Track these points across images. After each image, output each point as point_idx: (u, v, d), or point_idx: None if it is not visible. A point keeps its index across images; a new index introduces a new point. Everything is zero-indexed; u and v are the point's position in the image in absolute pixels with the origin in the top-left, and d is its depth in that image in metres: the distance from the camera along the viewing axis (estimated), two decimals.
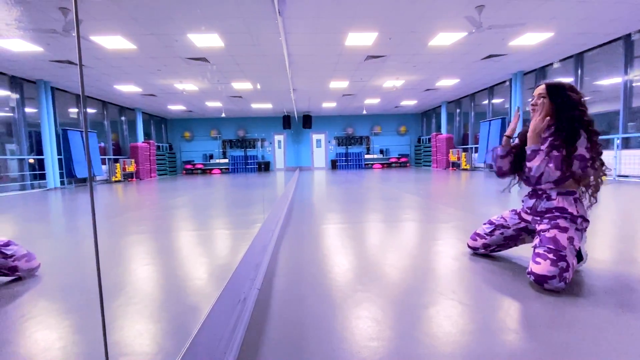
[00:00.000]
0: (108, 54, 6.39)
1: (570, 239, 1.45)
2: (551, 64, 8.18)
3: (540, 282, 1.37)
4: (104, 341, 0.72)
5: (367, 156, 16.41)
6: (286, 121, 14.95)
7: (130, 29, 5.37)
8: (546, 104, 1.56)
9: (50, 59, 6.61)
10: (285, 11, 4.86)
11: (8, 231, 3.31)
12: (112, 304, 1.38)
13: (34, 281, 1.70)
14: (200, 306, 1.38)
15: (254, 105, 12.92)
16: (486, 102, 10.96)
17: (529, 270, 1.43)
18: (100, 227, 3.23)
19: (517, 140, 1.75)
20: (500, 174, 1.77)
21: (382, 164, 16.30)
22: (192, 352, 0.78)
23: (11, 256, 1.66)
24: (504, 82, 9.83)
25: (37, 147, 8.67)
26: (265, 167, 16.06)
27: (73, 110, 10.08)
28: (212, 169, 15.79)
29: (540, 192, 1.63)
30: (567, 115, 1.50)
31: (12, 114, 7.97)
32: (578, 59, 7.40)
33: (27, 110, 8.19)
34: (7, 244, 1.67)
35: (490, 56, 7.47)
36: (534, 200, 1.65)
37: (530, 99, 1.64)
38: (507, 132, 1.72)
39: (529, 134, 1.58)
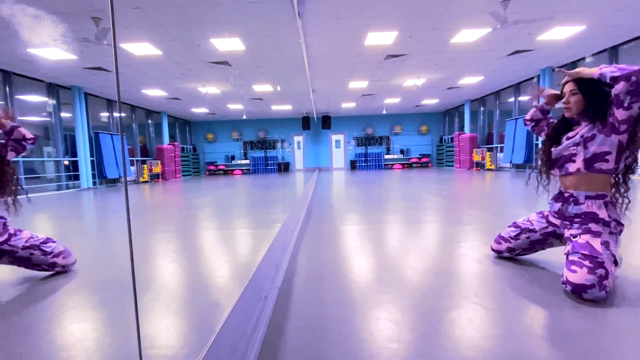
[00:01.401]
0: (136, 60, 6.68)
1: (606, 244, 1.35)
2: (583, 58, 7.78)
3: (578, 292, 1.28)
4: (137, 335, 0.76)
5: (387, 156, 16.22)
6: (305, 122, 15.04)
7: (157, 36, 5.59)
8: (578, 102, 1.46)
9: (83, 66, 6.99)
10: (304, 13, 4.90)
11: (47, 228, 3.53)
12: (141, 299, 1.45)
13: (70, 276, 1.81)
14: (223, 303, 1.42)
15: (274, 107, 13.10)
16: (512, 99, 10.57)
17: (564, 279, 1.34)
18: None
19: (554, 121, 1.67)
20: (525, 122, 1.79)
21: (402, 164, 16.06)
22: (216, 347, 0.81)
23: (50, 253, 1.77)
24: (532, 78, 9.44)
25: (71, 149, 9.20)
26: (284, 167, 16.23)
27: (104, 114, 10.60)
28: (233, 170, 16.13)
29: (567, 195, 1.53)
30: (602, 110, 1.41)
31: (49, 119, 8.49)
32: (612, 53, 6.99)
33: (63, 114, 8.69)
34: (45, 242, 1.78)
35: (516, 52, 7.20)
36: (560, 204, 1.56)
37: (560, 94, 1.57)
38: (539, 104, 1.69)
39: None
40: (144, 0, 4.41)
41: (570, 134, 1.53)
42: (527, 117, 1.76)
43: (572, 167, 1.50)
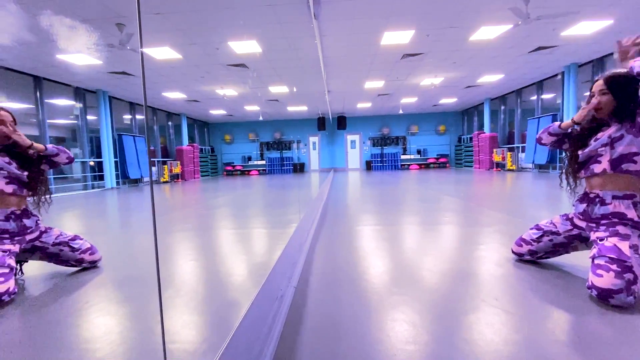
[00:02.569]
0: (157, 63, 6.89)
1: (635, 247, 1.29)
2: (611, 54, 7.40)
3: (604, 297, 1.23)
4: (162, 330, 0.79)
5: (403, 157, 16.02)
6: (321, 123, 15.07)
7: (177, 40, 5.75)
8: (609, 102, 1.39)
9: (108, 71, 7.27)
10: (320, 14, 4.91)
11: (74, 226, 3.69)
12: (162, 295, 1.49)
13: (96, 272, 1.89)
14: (241, 301, 1.45)
15: (290, 108, 13.19)
16: (534, 97, 10.21)
17: (589, 284, 1.29)
18: (151, 224, 3.49)
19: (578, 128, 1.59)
20: (539, 142, 1.72)
21: (419, 164, 15.82)
22: (234, 344, 0.83)
23: (77, 249, 1.86)
24: (555, 75, 9.10)
25: (96, 150, 9.58)
26: (300, 168, 16.31)
27: (127, 117, 10.98)
28: (250, 170, 16.35)
29: (592, 196, 1.47)
30: (631, 109, 1.35)
31: (76, 122, 8.88)
32: None
33: (89, 117, 9.06)
34: (74, 239, 1.87)
35: (539, 48, 6.96)
36: (585, 205, 1.50)
37: (589, 91, 1.50)
38: (575, 118, 1.55)
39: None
40: (165, 6, 4.55)
41: (599, 135, 1.47)
42: (543, 138, 1.67)
43: (597, 168, 1.45)
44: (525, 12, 4.80)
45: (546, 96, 10.16)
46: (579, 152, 1.52)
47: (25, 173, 1.71)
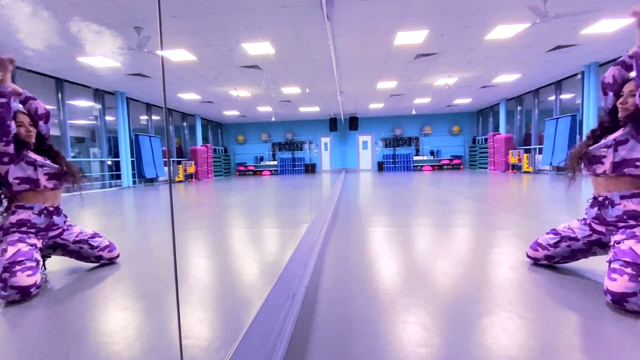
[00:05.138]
0: (173, 65, 7.04)
1: None
2: None
3: (618, 301, 1.21)
4: (178, 326, 0.81)
5: (416, 158, 15.84)
6: (333, 123, 15.06)
7: (192, 42, 5.86)
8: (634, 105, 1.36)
9: (125, 73, 7.47)
10: (333, 15, 4.92)
11: (93, 223, 3.81)
12: (178, 292, 1.52)
13: (114, 268, 1.95)
14: (253, 300, 1.47)
15: (302, 109, 13.24)
16: (553, 98, 9.95)
17: (605, 289, 1.27)
18: (166, 222, 3.57)
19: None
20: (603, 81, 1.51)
21: (432, 166, 15.62)
22: (246, 342, 0.84)
23: (96, 247, 1.92)
24: (575, 75, 8.84)
25: (114, 150, 9.85)
26: (311, 168, 16.35)
27: (143, 117, 11.25)
28: (262, 171, 16.49)
29: (601, 199, 1.46)
30: None
31: (95, 122, 9.15)
32: None
33: (107, 118, 9.33)
34: (93, 236, 1.94)
35: (557, 47, 6.78)
36: (596, 210, 1.48)
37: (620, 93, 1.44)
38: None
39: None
40: (181, 9, 4.65)
41: (609, 136, 1.45)
42: (608, 77, 1.47)
43: (599, 168, 1.45)
44: (544, 10, 4.68)
45: (565, 96, 9.88)
46: (590, 148, 1.49)
47: (56, 166, 1.78)
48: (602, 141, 1.45)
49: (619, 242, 1.35)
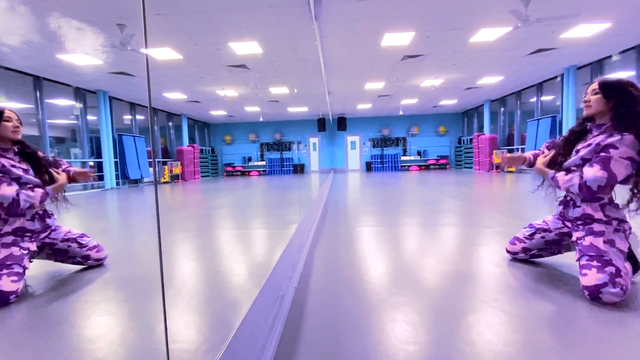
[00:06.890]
0: (158, 64, 6.90)
1: (610, 242, 1.36)
2: (609, 57, 7.45)
3: (594, 295, 1.28)
4: (165, 329, 0.80)
5: (403, 158, 16.03)
6: (321, 124, 15.08)
7: (178, 40, 5.76)
8: (598, 101, 1.45)
9: (108, 71, 7.27)
10: (321, 16, 4.93)
11: (75, 227, 3.69)
12: (164, 295, 1.49)
13: (99, 271, 1.90)
14: (241, 301, 1.46)
15: (290, 109, 13.21)
16: (534, 99, 10.24)
17: (581, 286, 1.35)
18: (152, 224, 3.50)
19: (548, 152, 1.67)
20: (580, 190, 1.54)
21: (419, 165, 15.84)
22: (235, 344, 0.83)
23: (85, 246, 1.88)
24: (555, 77, 9.12)
25: (96, 151, 9.58)
26: (300, 169, 16.32)
27: (127, 117, 10.99)
28: (250, 171, 16.36)
29: (568, 199, 1.57)
30: (625, 112, 1.38)
31: (76, 122, 8.88)
32: None
33: (89, 117, 9.07)
34: (82, 236, 1.91)
35: (538, 50, 6.99)
36: (562, 207, 1.60)
37: (584, 95, 1.54)
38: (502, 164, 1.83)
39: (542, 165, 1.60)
40: (166, 6, 4.56)
41: (579, 146, 1.51)
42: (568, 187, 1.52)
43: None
44: (525, 14, 4.81)
45: (546, 98, 10.18)
46: (564, 160, 1.55)
47: (39, 181, 1.73)
48: (573, 157, 1.51)
49: (580, 239, 1.45)
